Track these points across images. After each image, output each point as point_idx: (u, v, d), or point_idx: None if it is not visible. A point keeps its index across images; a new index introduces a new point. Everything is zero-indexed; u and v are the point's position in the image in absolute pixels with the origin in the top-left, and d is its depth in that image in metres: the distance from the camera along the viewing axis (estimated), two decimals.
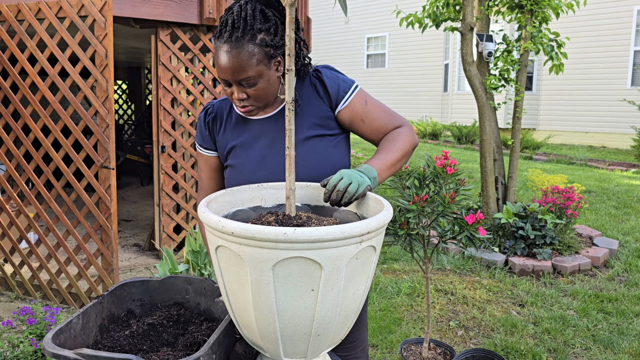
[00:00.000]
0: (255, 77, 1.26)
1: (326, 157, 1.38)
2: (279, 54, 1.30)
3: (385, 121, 1.42)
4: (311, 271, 0.88)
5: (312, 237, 0.84)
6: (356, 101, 1.41)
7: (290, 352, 0.99)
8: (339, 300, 0.93)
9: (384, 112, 1.43)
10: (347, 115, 1.41)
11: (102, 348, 1.13)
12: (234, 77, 1.26)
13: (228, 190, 1.16)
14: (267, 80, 1.29)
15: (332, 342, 1.02)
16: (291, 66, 0.98)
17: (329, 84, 1.40)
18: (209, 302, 1.29)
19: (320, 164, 1.36)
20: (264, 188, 1.22)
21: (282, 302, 0.91)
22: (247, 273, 0.89)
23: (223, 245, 0.91)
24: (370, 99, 1.44)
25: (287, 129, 1.01)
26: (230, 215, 1.13)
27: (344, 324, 1.00)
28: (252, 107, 1.33)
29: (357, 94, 1.41)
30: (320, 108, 1.40)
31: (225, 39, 1.24)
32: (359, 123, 1.42)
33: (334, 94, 1.40)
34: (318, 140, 1.39)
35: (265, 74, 1.28)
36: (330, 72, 1.43)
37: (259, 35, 1.25)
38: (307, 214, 1.07)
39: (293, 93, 1.00)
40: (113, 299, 1.24)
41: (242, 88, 1.29)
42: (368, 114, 1.41)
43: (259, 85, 1.28)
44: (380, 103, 1.45)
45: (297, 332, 0.94)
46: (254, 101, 1.31)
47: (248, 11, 1.25)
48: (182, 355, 1.07)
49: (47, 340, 0.98)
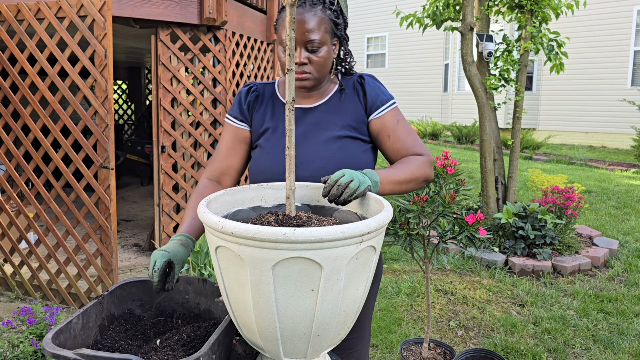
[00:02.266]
0: (320, 42, 1.33)
1: (355, 159, 1.39)
2: (338, 36, 1.40)
3: (408, 145, 1.42)
4: (311, 271, 0.88)
5: (312, 237, 0.84)
6: (389, 116, 1.43)
7: (290, 352, 0.99)
8: (339, 301, 0.93)
9: (410, 136, 1.44)
10: (377, 127, 1.43)
11: (102, 348, 1.13)
12: (303, 36, 1.32)
13: (228, 191, 1.16)
14: (328, 52, 1.36)
15: (332, 342, 1.02)
16: (291, 66, 0.98)
17: (369, 91, 1.44)
18: (209, 302, 1.29)
19: (349, 164, 1.36)
20: (263, 188, 1.22)
21: (282, 302, 0.90)
22: (247, 273, 0.89)
23: (223, 245, 0.91)
24: (403, 120, 1.46)
25: (287, 129, 1.01)
26: (230, 216, 1.13)
27: (344, 324, 1.00)
28: (309, 75, 1.36)
29: (392, 110, 1.44)
30: (358, 111, 1.43)
31: (301, 4, 1.33)
32: (384, 138, 1.43)
33: (371, 101, 1.43)
34: (349, 141, 1.41)
35: (328, 45, 1.36)
36: (373, 81, 1.47)
37: (328, 10, 1.35)
38: (307, 214, 1.07)
39: (293, 93, 1.00)
40: (113, 299, 1.24)
41: (306, 52, 1.34)
42: (395, 133, 1.43)
43: (321, 54, 1.35)
44: (410, 128, 1.46)
45: (297, 332, 0.94)
46: (313, 69, 1.36)
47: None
48: (182, 355, 1.07)
49: (47, 340, 0.98)
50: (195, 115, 4.07)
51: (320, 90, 1.45)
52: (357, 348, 1.56)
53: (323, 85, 1.45)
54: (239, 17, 4.31)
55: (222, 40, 4.08)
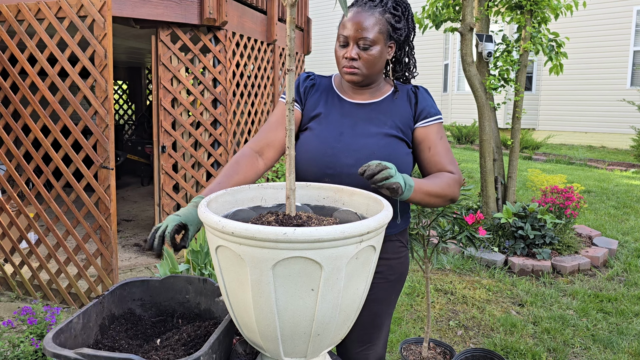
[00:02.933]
0: (372, 41, 1.40)
1: (397, 158, 1.45)
2: (396, 41, 1.47)
3: (445, 162, 1.48)
4: (311, 271, 0.88)
5: (312, 237, 0.84)
6: (434, 129, 1.50)
7: (290, 352, 0.99)
8: (339, 300, 0.94)
9: (449, 154, 1.50)
10: (420, 136, 1.49)
11: (103, 348, 1.13)
12: (356, 33, 1.40)
13: (228, 190, 1.16)
14: (380, 52, 1.43)
15: (332, 342, 1.02)
16: (291, 66, 0.99)
17: (421, 100, 1.51)
18: (209, 302, 1.29)
19: (392, 161, 1.41)
20: (264, 188, 1.22)
21: (282, 301, 0.91)
22: (247, 273, 0.90)
23: (223, 245, 0.91)
24: (445, 137, 1.52)
25: (287, 129, 1.01)
26: (231, 215, 1.14)
27: (344, 323, 1.00)
28: (357, 70, 1.44)
29: (438, 124, 1.51)
30: (407, 116, 1.50)
31: (360, 4, 1.43)
32: (424, 149, 1.49)
33: (420, 109, 1.50)
34: (396, 141, 1.47)
35: (381, 45, 1.42)
36: (426, 93, 1.54)
37: (387, 13, 1.43)
38: (307, 214, 1.07)
39: (293, 93, 1.00)
40: (114, 299, 1.24)
41: (357, 49, 1.42)
42: (437, 147, 1.49)
43: (372, 52, 1.42)
44: (449, 147, 1.53)
45: (297, 331, 0.95)
46: (362, 65, 1.43)
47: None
48: (183, 355, 1.07)
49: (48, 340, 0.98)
50: (195, 115, 4.07)
51: (373, 89, 1.52)
52: (375, 342, 1.62)
53: (377, 84, 1.52)
54: (239, 18, 4.31)
55: (223, 40, 4.08)
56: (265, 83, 5.13)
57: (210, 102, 4.11)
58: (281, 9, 5.15)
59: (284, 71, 5.52)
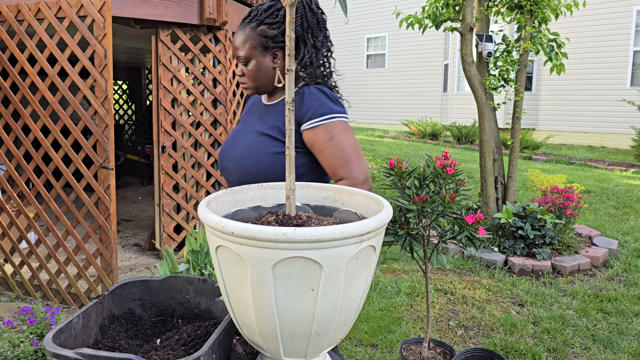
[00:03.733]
0: (246, 57, 1.48)
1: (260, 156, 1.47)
2: (278, 48, 1.49)
3: (336, 167, 1.43)
4: (311, 271, 0.88)
5: (312, 237, 0.84)
6: (321, 131, 1.43)
7: (290, 352, 0.99)
8: (339, 300, 0.94)
9: (343, 158, 1.43)
10: (309, 140, 1.45)
11: (103, 348, 1.13)
12: (234, 52, 1.51)
13: (228, 190, 1.16)
14: (258, 65, 1.48)
15: (332, 342, 1.02)
16: (291, 66, 0.99)
17: (307, 100, 1.46)
18: (209, 302, 1.29)
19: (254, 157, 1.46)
20: (264, 188, 1.22)
21: (282, 301, 0.91)
22: (247, 273, 0.90)
23: (223, 245, 0.91)
24: (340, 137, 1.43)
25: (287, 129, 1.01)
26: (231, 215, 1.14)
27: (344, 323, 1.00)
28: (245, 85, 1.53)
29: (327, 125, 1.43)
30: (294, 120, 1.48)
31: (240, 23, 1.50)
32: (317, 153, 1.46)
33: (304, 111, 1.45)
34: (266, 140, 1.47)
35: (257, 59, 1.48)
36: (318, 93, 1.46)
37: (262, 26, 1.46)
38: (307, 214, 1.07)
39: (293, 93, 1.00)
40: (113, 299, 1.24)
41: (240, 65, 1.51)
42: (327, 150, 1.43)
43: (250, 67, 1.49)
44: (347, 147, 1.44)
45: (297, 331, 0.95)
46: (248, 79, 1.51)
47: (265, 6, 1.49)
48: (183, 355, 1.07)
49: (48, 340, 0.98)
50: (195, 115, 4.07)
51: (278, 94, 1.56)
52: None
53: (281, 89, 1.56)
54: (239, 18, 4.31)
55: (223, 40, 4.08)
56: None
57: (210, 102, 4.11)
58: None
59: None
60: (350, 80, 15.87)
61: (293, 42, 0.98)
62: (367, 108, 15.50)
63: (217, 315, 1.27)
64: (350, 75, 15.85)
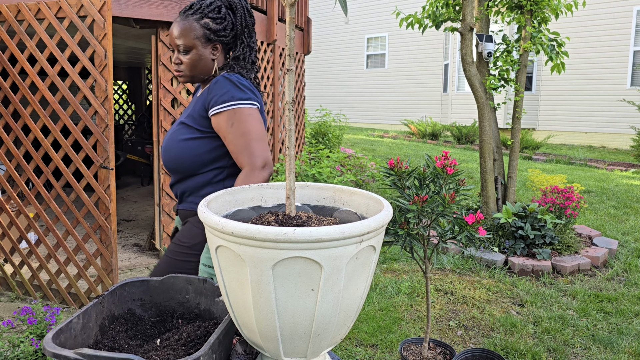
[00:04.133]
0: (188, 46, 1.56)
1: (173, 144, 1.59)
2: (220, 42, 1.59)
3: (237, 152, 1.52)
4: (311, 271, 0.88)
5: (312, 237, 0.84)
6: (223, 118, 1.52)
7: (290, 352, 0.99)
8: (339, 300, 0.94)
9: (242, 144, 1.51)
10: (215, 125, 1.55)
11: (103, 348, 1.13)
12: (175, 40, 1.57)
13: (228, 190, 1.16)
14: (199, 55, 1.58)
15: (332, 342, 1.02)
16: (291, 66, 0.99)
17: (213, 88, 1.55)
18: (209, 302, 1.29)
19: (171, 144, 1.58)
20: (264, 188, 1.22)
21: (282, 301, 0.91)
22: (247, 273, 0.90)
23: (223, 245, 0.91)
24: (240, 125, 1.51)
25: (287, 128, 1.01)
26: (231, 215, 1.14)
27: (344, 323, 1.00)
28: (181, 73, 1.61)
29: (229, 112, 1.51)
30: (201, 105, 1.57)
31: (180, 14, 1.58)
32: (223, 138, 1.55)
33: (210, 97, 1.54)
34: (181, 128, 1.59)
35: (199, 49, 1.57)
36: (225, 81, 1.54)
37: (205, 19, 1.56)
38: (307, 214, 1.07)
39: (293, 93, 1.00)
40: (113, 299, 1.24)
41: (179, 54, 1.59)
42: (229, 136, 1.52)
43: (190, 56, 1.57)
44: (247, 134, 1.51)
45: (297, 331, 0.95)
46: (185, 68, 1.59)
47: (208, 1, 1.57)
48: (183, 355, 1.07)
49: (48, 340, 0.98)
50: None
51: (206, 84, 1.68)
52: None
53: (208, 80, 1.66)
54: None
55: None
56: (265, 83, 5.13)
57: None
58: (281, 9, 5.15)
59: (284, 71, 5.52)
60: (350, 80, 15.87)
61: (293, 42, 0.98)
62: (367, 108, 15.50)
63: (217, 316, 1.27)
64: (350, 75, 15.85)
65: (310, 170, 4.96)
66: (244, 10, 1.61)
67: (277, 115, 5.41)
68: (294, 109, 1.33)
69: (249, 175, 1.49)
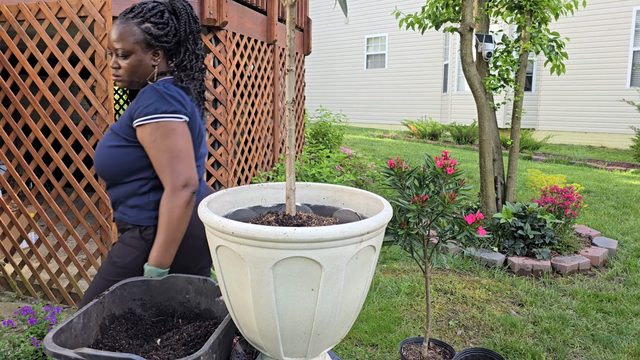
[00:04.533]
0: (127, 51, 1.50)
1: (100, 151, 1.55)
2: (161, 48, 1.54)
3: (159, 168, 1.47)
4: (311, 271, 0.88)
5: (312, 237, 0.84)
6: (146, 131, 1.46)
7: (290, 352, 0.99)
8: (339, 300, 0.94)
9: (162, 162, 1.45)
10: (139, 137, 1.49)
11: (103, 347, 1.13)
12: (111, 44, 1.52)
13: (228, 190, 1.17)
14: (138, 61, 1.52)
15: (332, 342, 1.02)
16: (291, 67, 0.99)
17: (140, 98, 1.49)
18: (210, 302, 1.29)
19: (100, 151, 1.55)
20: (264, 188, 1.22)
21: (282, 301, 0.91)
22: (248, 273, 0.90)
23: (224, 245, 0.92)
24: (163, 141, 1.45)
25: (287, 128, 1.01)
26: (231, 215, 1.14)
27: (344, 323, 1.00)
28: (119, 78, 1.56)
29: (151, 125, 1.45)
30: (128, 114, 1.52)
31: (120, 17, 1.53)
32: (147, 151, 1.49)
33: (135, 108, 1.49)
34: (109, 135, 1.56)
35: (138, 54, 1.52)
36: (151, 92, 1.48)
37: (146, 23, 1.51)
38: (307, 214, 1.08)
39: (293, 93, 1.00)
40: (114, 299, 1.24)
41: (117, 58, 1.53)
42: (151, 151, 1.47)
43: (129, 61, 1.52)
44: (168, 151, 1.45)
45: (297, 331, 0.95)
46: (123, 73, 1.54)
47: (149, 6, 1.53)
48: (183, 355, 1.08)
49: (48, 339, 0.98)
50: None
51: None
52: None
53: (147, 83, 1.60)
54: (239, 18, 4.31)
55: (223, 40, 4.08)
56: (265, 83, 5.14)
57: (210, 102, 4.11)
58: (281, 9, 5.15)
59: (284, 71, 5.52)
60: (350, 80, 15.88)
61: (293, 42, 0.98)
62: (367, 108, 15.50)
63: (217, 315, 1.27)
64: (350, 75, 15.85)
65: (310, 170, 4.97)
66: (188, 16, 1.57)
67: (277, 115, 5.41)
68: (294, 109, 1.30)
69: (169, 197, 1.44)
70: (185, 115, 1.51)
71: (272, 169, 5.30)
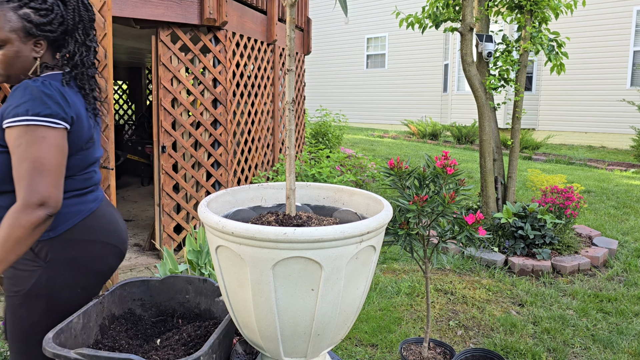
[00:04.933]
0: (2, 40, 1.31)
1: None
2: (44, 37, 1.36)
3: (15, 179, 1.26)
4: (311, 271, 0.88)
5: (312, 237, 0.84)
6: (13, 135, 1.26)
7: (290, 352, 0.99)
8: (339, 300, 0.94)
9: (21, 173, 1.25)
10: (6, 139, 1.30)
11: (103, 348, 1.13)
12: None
13: (228, 190, 1.16)
14: (16, 52, 1.33)
15: (332, 342, 1.02)
16: (291, 66, 0.99)
17: (11, 97, 1.30)
18: (209, 302, 1.29)
19: None
20: (264, 188, 1.22)
21: (282, 301, 0.91)
22: (248, 273, 0.90)
23: (223, 245, 0.91)
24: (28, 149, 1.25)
25: (287, 128, 1.01)
26: (231, 215, 1.14)
27: (344, 323, 1.00)
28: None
29: (19, 129, 1.25)
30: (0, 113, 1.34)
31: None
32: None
33: (4, 107, 1.30)
34: None
35: (16, 44, 1.33)
36: (24, 90, 1.29)
37: (25, 9, 1.32)
38: (307, 214, 1.07)
39: (293, 93, 1.00)
40: (114, 299, 1.24)
41: None
42: (13, 158, 1.26)
43: (4, 52, 1.33)
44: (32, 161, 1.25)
45: (297, 331, 0.95)
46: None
47: None
48: (183, 355, 1.07)
49: (48, 339, 0.98)
50: (195, 115, 4.08)
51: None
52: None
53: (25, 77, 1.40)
54: (239, 18, 4.31)
55: (223, 40, 4.08)
56: (265, 83, 5.14)
57: (210, 102, 4.11)
58: (281, 9, 5.15)
59: (284, 71, 5.52)
60: (350, 80, 15.88)
61: (293, 42, 0.98)
62: (367, 108, 15.50)
63: (217, 315, 1.27)
64: (350, 75, 15.85)
65: (310, 170, 4.97)
66: (78, 2, 1.39)
67: (277, 115, 5.41)
68: (294, 109, 1.29)
69: (17, 212, 1.22)
70: (64, 121, 1.31)
71: (272, 169, 5.30)
